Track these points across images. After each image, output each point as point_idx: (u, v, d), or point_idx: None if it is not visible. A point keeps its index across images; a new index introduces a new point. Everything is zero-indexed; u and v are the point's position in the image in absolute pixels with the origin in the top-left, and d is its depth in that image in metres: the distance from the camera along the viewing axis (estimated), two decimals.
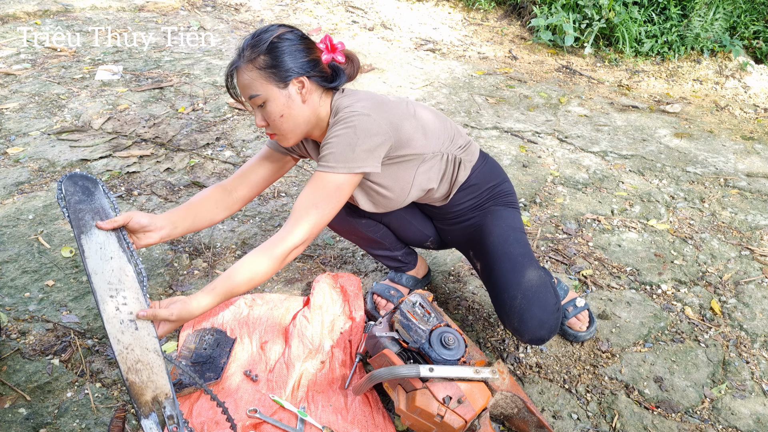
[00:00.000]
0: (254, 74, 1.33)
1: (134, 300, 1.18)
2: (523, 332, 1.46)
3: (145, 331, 1.15)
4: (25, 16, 4.27)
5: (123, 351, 1.11)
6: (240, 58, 1.35)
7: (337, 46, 1.42)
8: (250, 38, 1.36)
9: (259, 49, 1.33)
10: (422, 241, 1.80)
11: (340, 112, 1.39)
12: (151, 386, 1.09)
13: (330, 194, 1.36)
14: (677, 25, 4.38)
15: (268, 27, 1.37)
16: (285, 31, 1.36)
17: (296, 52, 1.35)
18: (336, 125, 1.37)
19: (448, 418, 1.30)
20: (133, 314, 1.17)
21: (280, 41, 1.34)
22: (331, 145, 1.36)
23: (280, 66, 1.33)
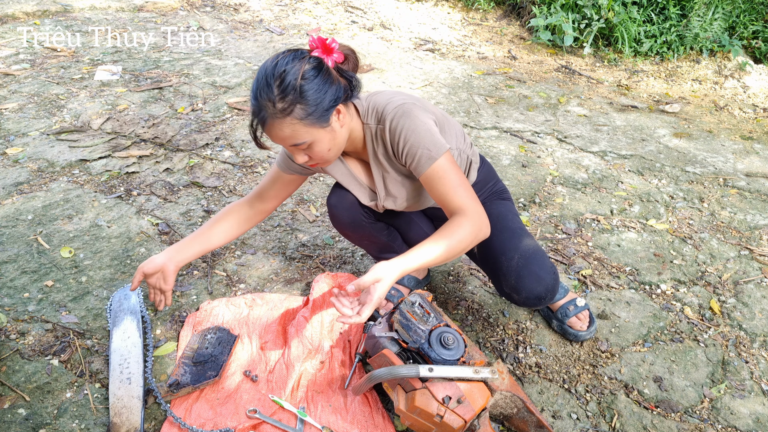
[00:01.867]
0: (295, 126, 1.27)
1: (135, 364, 1.53)
2: (520, 289, 1.49)
3: (135, 383, 1.48)
4: (25, 16, 4.27)
5: (116, 402, 1.44)
6: (270, 112, 1.25)
7: (332, 46, 1.31)
8: (274, 88, 1.24)
9: (290, 99, 1.24)
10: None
11: (385, 110, 1.38)
12: (126, 423, 1.40)
13: (455, 169, 1.38)
14: (676, 25, 4.38)
15: (284, 67, 1.25)
16: (305, 68, 1.26)
17: (324, 85, 1.27)
18: (396, 123, 1.36)
19: (448, 418, 1.30)
20: (131, 372, 1.50)
21: (307, 81, 1.25)
22: (416, 140, 1.35)
23: (319, 108, 1.27)
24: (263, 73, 1.26)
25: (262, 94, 1.25)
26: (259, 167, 2.63)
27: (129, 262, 1.98)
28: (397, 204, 1.58)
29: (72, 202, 2.28)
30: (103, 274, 1.92)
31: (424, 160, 1.36)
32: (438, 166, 1.36)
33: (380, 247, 1.78)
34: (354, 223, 1.66)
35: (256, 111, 1.28)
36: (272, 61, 1.27)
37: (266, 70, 1.26)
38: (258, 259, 2.06)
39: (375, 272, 1.30)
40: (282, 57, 1.27)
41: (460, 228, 1.35)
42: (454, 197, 1.37)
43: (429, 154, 1.36)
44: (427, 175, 1.38)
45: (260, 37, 4.32)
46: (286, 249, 2.13)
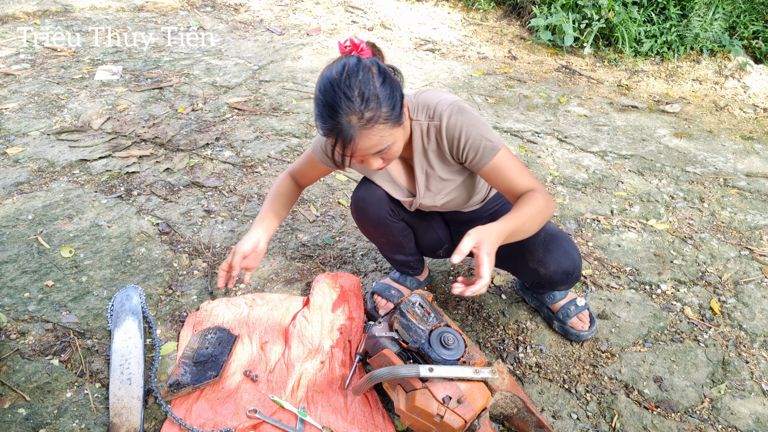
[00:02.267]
0: (382, 132, 1.25)
1: (135, 364, 1.53)
2: (548, 262, 1.50)
3: (135, 384, 1.48)
4: (25, 16, 4.27)
5: (116, 402, 1.44)
6: (356, 125, 1.21)
7: (358, 43, 1.28)
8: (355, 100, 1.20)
9: (373, 107, 1.21)
10: (437, 248, 1.83)
11: (437, 107, 1.39)
12: (126, 424, 1.40)
13: (514, 158, 1.42)
14: (677, 25, 4.38)
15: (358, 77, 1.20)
16: (374, 70, 1.23)
17: (392, 83, 1.26)
18: (455, 119, 1.37)
19: (448, 418, 1.30)
20: (132, 373, 1.50)
21: (382, 87, 1.23)
22: (476, 137, 1.37)
23: (396, 108, 1.26)
24: (335, 87, 1.21)
25: (344, 110, 1.20)
26: (259, 167, 2.63)
27: (129, 262, 1.98)
28: (436, 201, 1.57)
29: (72, 202, 2.28)
30: (104, 274, 1.92)
31: (488, 152, 1.39)
32: (501, 156, 1.40)
33: (393, 246, 1.77)
34: (378, 219, 1.64)
35: (338, 129, 1.22)
36: (338, 74, 1.21)
37: (339, 85, 1.20)
38: None
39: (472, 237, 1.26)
40: (349, 69, 1.22)
41: (536, 199, 1.37)
42: (520, 182, 1.41)
43: (492, 146, 1.38)
44: (491, 166, 1.40)
45: (260, 37, 4.32)
46: (287, 249, 2.13)
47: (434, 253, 1.87)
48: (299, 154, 2.77)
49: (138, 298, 1.76)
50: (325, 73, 1.25)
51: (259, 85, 3.49)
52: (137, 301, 1.74)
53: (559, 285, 1.62)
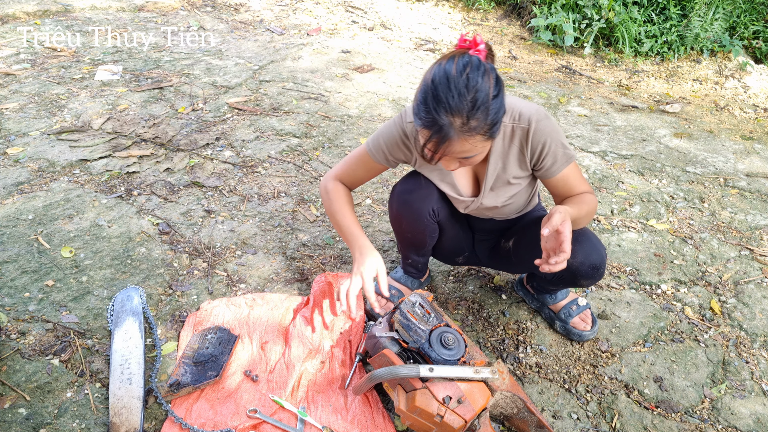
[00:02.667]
0: (476, 142, 1.24)
1: (136, 364, 1.52)
2: (577, 253, 1.51)
3: (135, 384, 1.47)
4: (25, 16, 4.27)
5: (116, 402, 1.43)
6: (457, 128, 1.20)
7: (479, 42, 1.25)
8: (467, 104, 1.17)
9: (480, 116, 1.19)
10: (458, 254, 1.83)
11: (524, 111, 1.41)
12: (126, 424, 1.40)
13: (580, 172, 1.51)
14: (677, 25, 4.38)
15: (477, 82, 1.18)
16: (493, 82, 1.21)
17: (502, 98, 1.25)
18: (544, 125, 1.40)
19: (448, 418, 1.30)
20: (132, 373, 1.49)
21: (495, 99, 1.21)
22: (556, 144, 1.42)
23: (497, 124, 1.25)
24: (452, 86, 1.18)
25: (453, 109, 1.18)
26: (260, 167, 2.63)
27: (129, 262, 1.98)
28: (497, 202, 1.57)
29: (72, 201, 2.28)
30: (104, 273, 1.92)
31: (563, 161, 1.45)
32: (573, 165, 1.47)
33: (416, 245, 1.75)
34: (418, 216, 1.62)
35: (438, 127, 1.20)
36: (458, 71, 1.18)
37: (456, 84, 1.18)
38: (258, 259, 2.06)
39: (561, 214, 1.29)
40: (470, 70, 1.19)
41: (591, 201, 1.47)
42: (579, 187, 1.49)
43: (569, 156, 1.45)
44: (563, 174, 1.47)
45: (261, 37, 4.33)
46: (287, 249, 2.13)
47: (453, 260, 1.87)
48: (299, 154, 2.77)
49: (138, 298, 1.76)
50: (444, 65, 1.21)
51: (260, 85, 3.49)
52: (138, 301, 1.74)
53: (582, 279, 1.58)
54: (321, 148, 2.83)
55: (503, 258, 1.77)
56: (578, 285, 1.65)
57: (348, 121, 3.13)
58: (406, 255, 1.84)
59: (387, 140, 1.54)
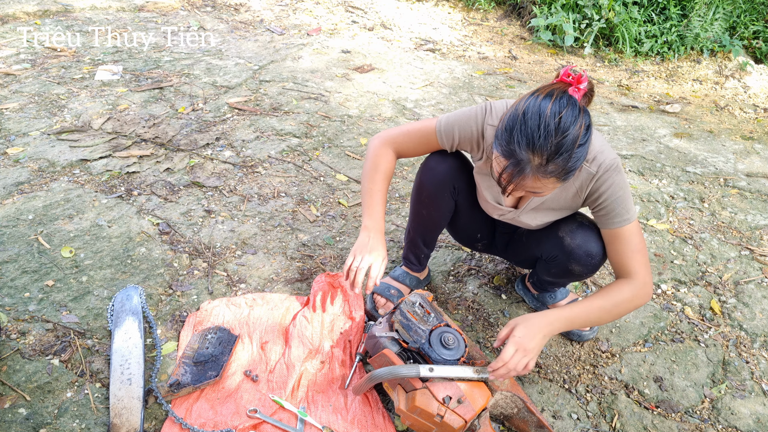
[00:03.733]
0: (551, 183, 1.23)
1: (136, 365, 1.53)
2: (577, 235, 1.52)
3: (136, 384, 1.48)
4: (25, 16, 4.27)
5: (116, 403, 1.44)
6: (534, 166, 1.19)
7: (582, 86, 1.23)
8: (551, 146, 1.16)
9: (561, 161, 1.18)
10: (477, 240, 1.83)
11: (599, 156, 1.37)
12: (126, 424, 1.41)
13: (641, 236, 1.43)
14: (677, 25, 4.38)
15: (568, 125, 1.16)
16: (582, 131, 1.18)
17: (587, 147, 1.22)
18: (609, 175, 1.37)
19: (448, 418, 1.30)
20: (132, 373, 1.50)
21: (581, 147, 1.19)
22: (622, 198, 1.39)
23: (575, 171, 1.23)
24: (543, 124, 1.16)
25: (535, 147, 1.17)
26: (260, 167, 2.63)
27: (129, 262, 1.98)
28: (533, 222, 1.58)
29: (73, 201, 2.28)
30: (104, 273, 1.92)
31: (618, 219, 1.41)
32: (628, 229, 1.41)
33: (429, 225, 1.74)
34: (441, 186, 1.61)
35: (515, 160, 1.20)
36: (552, 111, 1.17)
37: (548, 123, 1.16)
38: (258, 259, 2.06)
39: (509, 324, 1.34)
40: (565, 114, 1.17)
41: (619, 291, 1.41)
42: (630, 261, 1.42)
43: (626, 216, 1.41)
44: (614, 233, 1.43)
45: (261, 37, 4.33)
46: (287, 249, 2.13)
47: (472, 244, 1.87)
48: (299, 154, 2.77)
49: (138, 298, 1.76)
50: (542, 99, 1.20)
51: (260, 85, 3.49)
52: (137, 301, 1.74)
53: (575, 263, 1.56)
54: (321, 148, 2.83)
55: (519, 248, 1.77)
56: (571, 272, 1.60)
57: (348, 121, 3.13)
58: (413, 240, 1.83)
59: (462, 130, 1.50)
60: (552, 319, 1.36)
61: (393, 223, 2.32)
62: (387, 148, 1.59)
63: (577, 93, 1.22)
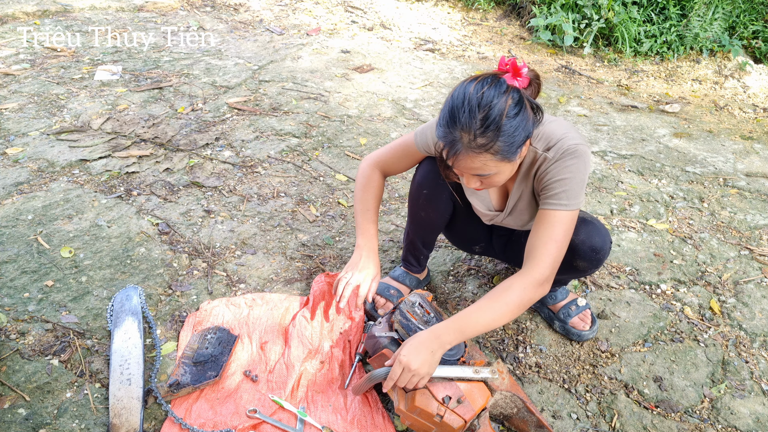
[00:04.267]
0: (487, 161, 1.25)
1: (135, 365, 1.53)
2: (580, 231, 1.49)
3: (135, 384, 1.48)
4: (25, 16, 4.27)
5: (116, 403, 1.44)
6: (466, 144, 1.22)
7: (522, 71, 1.26)
8: (477, 122, 1.19)
9: (490, 135, 1.20)
10: (475, 243, 1.83)
11: (560, 142, 1.35)
12: (126, 424, 1.41)
13: (568, 230, 1.36)
14: (676, 24, 4.38)
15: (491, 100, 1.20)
16: (509, 104, 1.21)
17: (522, 122, 1.23)
18: (563, 156, 1.33)
19: (448, 418, 1.30)
20: (132, 373, 1.50)
21: (509, 119, 1.21)
22: (566, 181, 1.33)
23: (513, 146, 1.24)
24: (465, 100, 1.21)
25: (462, 125, 1.21)
26: (259, 167, 2.63)
27: (129, 262, 1.98)
28: (517, 223, 1.59)
29: (72, 202, 2.28)
30: (103, 274, 1.92)
31: (554, 201, 1.35)
32: (559, 215, 1.35)
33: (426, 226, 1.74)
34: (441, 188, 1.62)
35: (450, 141, 1.24)
36: (476, 89, 1.21)
37: (470, 100, 1.20)
38: (258, 259, 2.06)
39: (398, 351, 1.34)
40: (487, 87, 1.21)
41: (509, 291, 1.33)
42: (540, 247, 1.35)
43: (564, 201, 1.35)
44: (544, 214, 1.37)
45: (260, 37, 4.32)
46: (287, 249, 2.13)
47: (470, 248, 1.88)
48: (299, 154, 2.77)
49: (138, 298, 1.76)
50: (467, 83, 1.24)
51: (259, 85, 3.49)
52: (137, 301, 1.74)
53: (580, 260, 1.53)
54: (320, 148, 2.83)
55: (517, 250, 1.77)
56: (576, 268, 1.58)
57: (348, 121, 3.13)
58: (412, 242, 1.83)
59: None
60: (439, 332, 1.31)
61: (393, 222, 2.32)
62: (374, 169, 1.66)
63: (516, 82, 1.25)
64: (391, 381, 1.32)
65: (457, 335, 1.31)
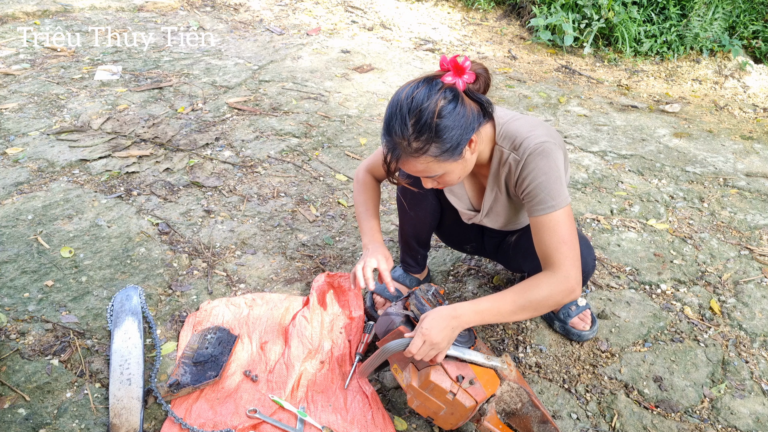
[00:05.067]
0: (429, 163, 1.26)
1: (135, 365, 1.53)
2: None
3: (135, 384, 1.48)
4: (25, 16, 4.27)
5: (116, 403, 1.44)
6: (404, 149, 1.23)
7: (465, 66, 1.25)
8: (409, 127, 1.21)
9: (424, 138, 1.21)
10: (466, 242, 1.84)
11: (525, 142, 1.34)
12: (126, 424, 1.41)
13: (570, 225, 1.34)
14: (676, 24, 4.38)
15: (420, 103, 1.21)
16: (441, 104, 1.21)
17: (459, 119, 1.23)
18: (532, 159, 1.32)
19: (461, 397, 1.30)
20: (131, 373, 1.49)
21: (442, 119, 1.21)
22: (543, 183, 1.32)
23: (452, 145, 1.24)
24: (397, 107, 1.23)
25: (396, 131, 1.23)
26: (259, 167, 2.63)
27: (129, 262, 1.98)
28: (496, 224, 1.59)
29: (72, 202, 2.28)
30: (103, 274, 1.92)
31: (542, 206, 1.33)
32: (554, 217, 1.33)
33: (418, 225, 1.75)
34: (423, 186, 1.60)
35: (390, 147, 1.26)
36: (407, 94, 1.23)
37: (401, 105, 1.23)
38: (258, 259, 2.06)
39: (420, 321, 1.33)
40: (417, 90, 1.22)
41: (536, 287, 1.31)
42: (554, 252, 1.33)
43: (551, 203, 1.33)
44: (539, 221, 1.34)
45: (260, 37, 4.32)
46: (286, 249, 2.13)
47: (461, 246, 1.88)
48: (299, 153, 2.77)
49: (138, 298, 1.76)
50: (401, 90, 1.26)
51: (259, 85, 3.49)
52: (137, 301, 1.74)
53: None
54: (320, 148, 2.83)
55: (507, 257, 1.77)
56: None
57: (348, 121, 3.13)
58: (406, 242, 1.84)
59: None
60: (459, 312, 1.31)
61: (393, 223, 2.32)
62: (367, 175, 1.68)
63: (459, 80, 1.24)
64: (413, 349, 1.29)
65: (476, 317, 1.31)
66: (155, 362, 1.60)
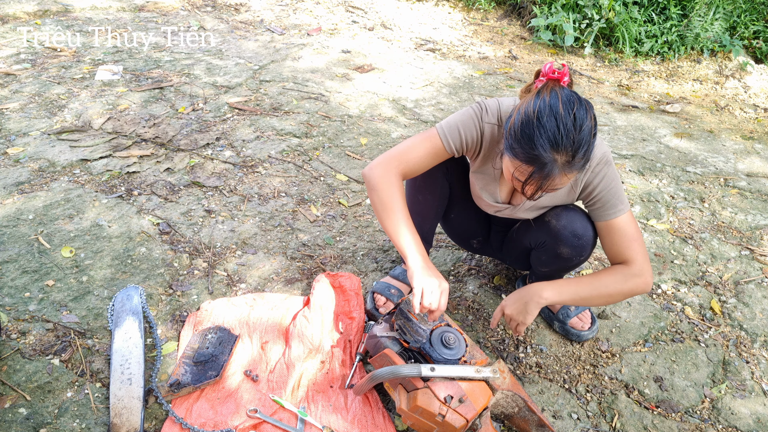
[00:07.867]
0: (573, 176, 1.27)
1: (136, 364, 1.52)
2: (561, 216, 1.54)
3: (136, 384, 1.48)
4: (25, 16, 4.27)
5: (116, 403, 1.44)
6: (561, 164, 1.21)
7: (564, 73, 1.27)
8: (573, 142, 1.19)
9: (582, 154, 1.22)
10: (473, 237, 1.84)
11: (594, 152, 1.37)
12: (126, 424, 1.41)
13: (636, 226, 1.47)
14: (677, 25, 4.38)
15: (582, 120, 1.20)
16: (593, 122, 1.23)
17: (597, 130, 1.28)
18: (601, 168, 1.41)
19: (450, 418, 1.30)
20: (132, 373, 1.49)
21: (594, 137, 1.25)
22: (612, 190, 1.43)
23: (591, 160, 1.36)
24: (561, 123, 1.18)
25: (560, 147, 1.19)
26: (260, 167, 2.63)
27: (129, 262, 1.98)
28: (530, 215, 1.61)
29: (73, 201, 2.28)
30: (104, 273, 1.92)
31: (612, 211, 1.45)
32: (623, 219, 1.46)
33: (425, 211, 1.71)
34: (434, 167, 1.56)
35: (541, 161, 1.20)
36: (565, 108, 1.19)
37: (566, 122, 1.19)
38: (259, 259, 2.06)
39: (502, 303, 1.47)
40: (577, 108, 1.20)
41: (612, 274, 1.47)
42: (626, 250, 1.46)
43: (620, 207, 1.45)
44: (610, 225, 1.46)
45: (261, 37, 4.32)
46: (287, 249, 2.13)
47: (468, 243, 1.88)
48: (300, 153, 2.77)
49: (138, 298, 1.76)
50: (548, 100, 1.21)
51: (260, 84, 3.49)
52: (138, 300, 1.74)
53: (563, 245, 1.53)
54: (321, 148, 2.83)
55: (512, 244, 1.77)
56: (560, 255, 1.57)
57: (348, 120, 3.13)
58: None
59: (466, 131, 1.45)
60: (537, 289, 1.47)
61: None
62: (390, 175, 1.46)
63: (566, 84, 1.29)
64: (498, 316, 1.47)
65: (554, 294, 1.46)
66: (156, 362, 1.60)
